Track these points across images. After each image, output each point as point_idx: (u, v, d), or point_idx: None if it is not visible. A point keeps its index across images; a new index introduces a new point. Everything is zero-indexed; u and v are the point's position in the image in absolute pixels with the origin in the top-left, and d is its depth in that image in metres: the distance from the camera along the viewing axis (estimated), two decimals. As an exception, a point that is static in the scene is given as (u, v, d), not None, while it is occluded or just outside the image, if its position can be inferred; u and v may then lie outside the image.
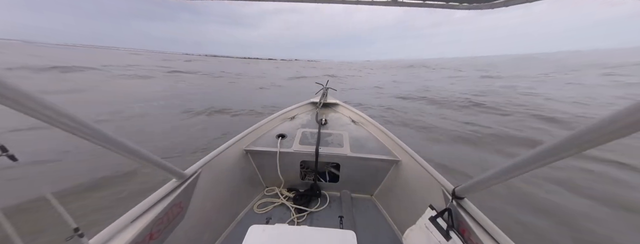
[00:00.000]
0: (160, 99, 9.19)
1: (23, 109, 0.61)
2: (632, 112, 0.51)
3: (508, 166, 0.84)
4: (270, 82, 17.78)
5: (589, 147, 0.60)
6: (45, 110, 0.64)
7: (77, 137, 0.74)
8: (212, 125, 6.29)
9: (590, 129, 0.58)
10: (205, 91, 12.40)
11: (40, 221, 2.41)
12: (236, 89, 13.68)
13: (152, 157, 1.05)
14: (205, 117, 6.95)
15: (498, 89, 13.15)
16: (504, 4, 1.12)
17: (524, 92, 11.93)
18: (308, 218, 2.04)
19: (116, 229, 1.01)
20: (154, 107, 7.83)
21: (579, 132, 0.61)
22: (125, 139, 0.89)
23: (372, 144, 2.37)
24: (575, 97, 10.25)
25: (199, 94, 10.89)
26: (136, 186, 3.21)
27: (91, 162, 3.73)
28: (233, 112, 7.65)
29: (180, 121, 6.45)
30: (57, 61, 22.77)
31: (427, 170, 1.70)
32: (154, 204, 1.21)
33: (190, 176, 1.46)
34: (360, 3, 1.37)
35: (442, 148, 5.02)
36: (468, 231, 1.14)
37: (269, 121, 2.67)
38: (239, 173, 2.13)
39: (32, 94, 0.61)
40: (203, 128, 5.97)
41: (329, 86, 3.74)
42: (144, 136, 5.22)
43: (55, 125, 0.68)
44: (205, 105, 8.16)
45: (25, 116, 0.62)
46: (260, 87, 15.02)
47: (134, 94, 10.04)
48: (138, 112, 7.01)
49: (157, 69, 23.18)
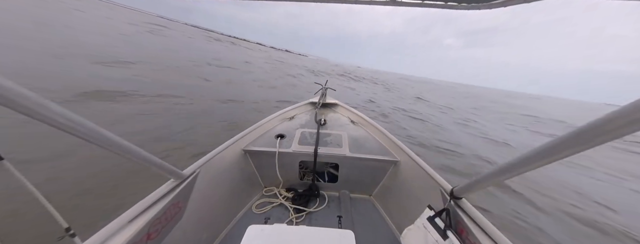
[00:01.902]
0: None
1: (18, 108, 0.60)
2: (631, 112, 0.51)
3: (505, 166, 0.85)
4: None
5: (586, 147, 0.61)
6: (40, 109, 0.63)
7: (76, 138, 0.73)
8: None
9: (589, 128, 0.59)
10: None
11: (29, 222, 2.39)
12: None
13: (150, 157, 1.05)
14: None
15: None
16: (503, 4, 1.12)
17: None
18: (307, 218, 2.04)
19: (113, 229, 1.00)
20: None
21: (577, 132, 0.61)
22: (122, 139, 0.88)
23: (371, 144, 2.37)
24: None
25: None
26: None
27: (82, 162, 3.68)
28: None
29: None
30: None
31: (426, 170, 1.70)
32: (152, 204, 1.20)
33: (188, 176, 1.46)
34: (358, 3, 1.37)
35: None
36: (466, 231, 1.14)
37: (268, 121, 2.67)
38: (238, 173, 2.13)
39: (27, 93, 0.60)
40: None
41: (328, 86, 3.75)
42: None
43: (51, 124, 0.67)
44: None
45: (19, 115, 0.61)
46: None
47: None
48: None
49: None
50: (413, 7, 1.35)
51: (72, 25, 15.58)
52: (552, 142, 0.67)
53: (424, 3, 1.32)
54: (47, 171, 3.49)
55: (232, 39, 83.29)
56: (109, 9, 43.91)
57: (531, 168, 0.76)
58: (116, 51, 10.49)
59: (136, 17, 51.84)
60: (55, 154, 3.92)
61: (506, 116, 18.06)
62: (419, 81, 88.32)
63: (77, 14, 24.70)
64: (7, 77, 0.56)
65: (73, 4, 39.39)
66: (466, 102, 24.25)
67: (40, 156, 3.73)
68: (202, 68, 12.24)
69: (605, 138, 0.57)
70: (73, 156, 3.77)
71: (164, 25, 34.12)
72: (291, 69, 24.47)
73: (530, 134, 11.93)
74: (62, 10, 23.87)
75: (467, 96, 37.49)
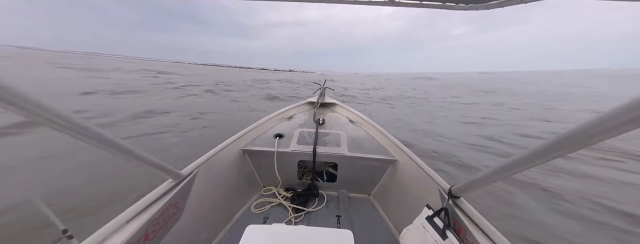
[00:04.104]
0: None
1: (18, 111, 0.60)
2: (631, 109, 0.51)
3: (503, 165, 0.85)
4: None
5: (584, 145, 0.61)
6: (43, 112, 0.64)
7: (74, 139, 0.74)
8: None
9: (587, 127, 0.59)
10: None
11: (26, 224, 2.36)
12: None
13: (148, 157, 1.05)
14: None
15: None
16: (499, 4, 1.12)
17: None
18: (305, 218, 2.04)
19: (110, 230, 1.00)
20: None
21: (574, 130, 0.61)
22: (120, 139, 0.88)
23: (370, 143, 2.37)
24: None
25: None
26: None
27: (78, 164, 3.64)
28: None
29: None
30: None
31: (424, 170, 1.71)
32: (150, 205, 1.20)
33: (186, 176, 1.45)
34: (357, 3, 1.37)
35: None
36: (464, 230, 1.14)
37: (267, 121, 2.66)
38: (236, 173, 2.12)
39: (28, 95, 0.60)
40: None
41: (326, 85, 3.75)
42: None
43: (52, 126, 0.68)
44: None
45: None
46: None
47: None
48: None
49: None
50: (412, 8, 1.36)
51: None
52: (549, 141, 0.68)
53: (422, 3, 1.33)
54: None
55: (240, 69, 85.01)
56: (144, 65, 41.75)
57: (528, 167, 0.77)
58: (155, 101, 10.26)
59: (152, 66, 52.19)
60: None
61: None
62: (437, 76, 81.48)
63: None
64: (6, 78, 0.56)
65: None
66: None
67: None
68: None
69: (601, 137, 0.57)
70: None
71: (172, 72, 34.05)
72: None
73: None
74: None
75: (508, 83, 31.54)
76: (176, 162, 1.42)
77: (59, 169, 3.49)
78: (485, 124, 8.10)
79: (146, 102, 9.01)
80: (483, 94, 19.46)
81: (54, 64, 25.70)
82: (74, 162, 3.69)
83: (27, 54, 63.68)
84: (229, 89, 16.35)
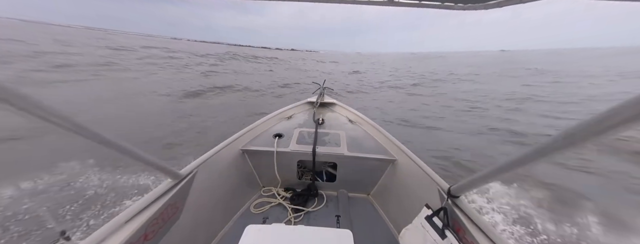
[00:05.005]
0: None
1: (21, 111, 0.61)
2: (631, 106, 0.51)
3: (502, 164, 0.86)
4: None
5: (582, 144, 0.61)
6: (44, 112, 0.64)
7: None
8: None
9: (585, 126, 0.59)
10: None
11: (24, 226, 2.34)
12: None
13: (147, 157, 1.05)
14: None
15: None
16: (497, 4, 1.13)
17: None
18: (305, 218, 2.04)
19: (109, 230, 1.00)
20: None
21: (573, 129, 0.61)
22: (120, 139, 0.89)
23: (369, 143, 2.37)
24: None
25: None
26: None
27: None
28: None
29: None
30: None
31: (423, 169, 1.71)
32: (149, 205, 1.19)
33: (185, 176, 1.45)
34: (357, 3, 1.37)
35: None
36: (463, 230, 1.15)
37: (266, 121, 2.66)
38: (236, 173, 2.12)
39: (30, 96, 0.61)
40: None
41: (326, 85, 3.74)
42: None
43: (58, 125, 0.69)
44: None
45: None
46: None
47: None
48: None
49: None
50: (411, 8, 1.36)
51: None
52: (548, 141, 0.68)
53: (421, 3, 1.33)
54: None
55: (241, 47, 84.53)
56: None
57: (526, 166, 0.78)
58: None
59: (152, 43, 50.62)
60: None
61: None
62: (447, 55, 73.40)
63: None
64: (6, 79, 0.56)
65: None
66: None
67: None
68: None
69: (599, 136, 0.57)
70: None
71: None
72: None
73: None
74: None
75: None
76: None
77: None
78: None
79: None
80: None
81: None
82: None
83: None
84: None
